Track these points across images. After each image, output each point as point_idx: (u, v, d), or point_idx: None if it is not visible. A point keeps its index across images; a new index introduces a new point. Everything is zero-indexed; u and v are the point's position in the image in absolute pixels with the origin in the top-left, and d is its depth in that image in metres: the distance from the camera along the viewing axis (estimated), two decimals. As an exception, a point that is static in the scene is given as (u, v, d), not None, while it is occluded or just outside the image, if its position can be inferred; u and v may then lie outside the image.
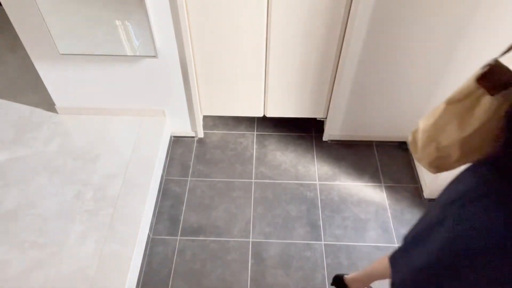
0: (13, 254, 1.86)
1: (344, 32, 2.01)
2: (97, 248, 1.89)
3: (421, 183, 2.38)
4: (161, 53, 2.11)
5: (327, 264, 2.08)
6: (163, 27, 1.99)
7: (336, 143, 2.62)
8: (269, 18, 1.98)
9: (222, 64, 2.21)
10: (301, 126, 2.72)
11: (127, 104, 2.41)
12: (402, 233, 2.20)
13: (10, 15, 1.97)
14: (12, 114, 2.48)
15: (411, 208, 2.30)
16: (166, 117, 2.47)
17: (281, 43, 2.08)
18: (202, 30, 2.04)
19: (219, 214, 2.26)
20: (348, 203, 2.32)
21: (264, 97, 2.40)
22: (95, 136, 2.36)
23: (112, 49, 2.07)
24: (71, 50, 2.08)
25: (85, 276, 1.80)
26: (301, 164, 2.50)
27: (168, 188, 2.38)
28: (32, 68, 2.75)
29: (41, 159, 2.24)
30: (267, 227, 2.21)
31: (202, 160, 2.52)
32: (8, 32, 3.07)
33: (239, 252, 2.11)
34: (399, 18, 1.91)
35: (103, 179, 2.16)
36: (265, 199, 2.33)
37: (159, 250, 2.12)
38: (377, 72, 2.16)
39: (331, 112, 2.41)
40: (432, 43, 2.01)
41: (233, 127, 2.72)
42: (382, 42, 2.01)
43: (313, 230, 2.20)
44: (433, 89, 2.24)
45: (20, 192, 2.09)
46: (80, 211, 2.02)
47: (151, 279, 2.01)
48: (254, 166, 2.49)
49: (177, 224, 2.22)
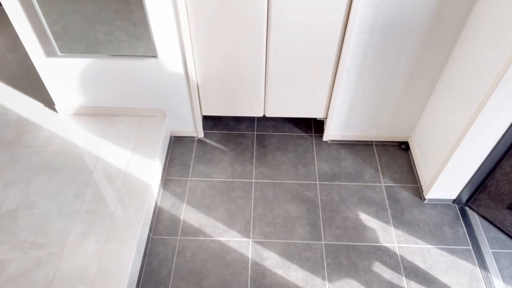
0: (13, 254, 1.86)
1: (344, 32, 2.01)
2: (97, 248, 1.89)
3: (421, 183, 2.38)
4: (161, 53, 2.11)
5: (327, 264, 2.08)
6: (163, 27, 1.99)
7: (336, 143, 2.62)
8: (269, 18, 1.98)
9: (222, 64, 2.21)
10: (301, 126, 2.72)
11: (127, 104, 2.41)
12: (402, 233, 2.20)
13: (10, 15, 1.97)
14: (12, 114, 2.48)
15: (411, 208, 2.30)
16: (166, 117, 2.47)
17: (281, 43, 2.08)
18: (202, 30, 2.04)
19: (219, 214, 2.26)
20: (348, 203, 2.32)
21: (264, 97, 2.40)
22: (95, 136, 2.36)
23: (112, 49, 2.07)
24: (71, 50, 2.08)
25: (85, 276, 1.80)
26: (301, 164, 2.50)
27: (168, 188, 2.38)
28: (32, 68, 2.76)
29: (41, 159, 2.24)
30: (267, 227, 2.21)
31: (202, 160, 2.52)
32: (8, 32, 3.07)
33: (239, 252, 2.11)
34: (399, 18, 1.91)
35: (103, 179, 2.16)
36: (265, 199, 2.33)
37: (159, 250, 2.12)
38: (377, 72, 2.16)
39: (331, 112, 2.41)
40: (432, 43, 2.01)
41: (233, 127, 2.72)
42: (382, 42, 2.01)
43: (313, 230, 2.20)
44: (433, 89, 2.24)
45: (20, 192, 2.09)
46: (80, 211, 2.02)
47: (151, 279, 2.01)
48: (254, 166, 2.49)
49: (177, 224, 2.22)
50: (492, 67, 1.71)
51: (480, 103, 1.78)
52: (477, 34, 1.83)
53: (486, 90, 1.75)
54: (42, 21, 1.95)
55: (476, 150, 1.99)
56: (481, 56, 1.79)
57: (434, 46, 2.02)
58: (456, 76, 2.01)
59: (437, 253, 2.12)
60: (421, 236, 2.18)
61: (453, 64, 2.04)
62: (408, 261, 2.09)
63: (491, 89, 1.70)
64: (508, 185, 2.00)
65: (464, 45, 1.94)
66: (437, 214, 2.28)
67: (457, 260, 2.10)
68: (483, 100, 1.76)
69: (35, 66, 2.22)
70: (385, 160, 2.53)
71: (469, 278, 2.04)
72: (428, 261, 2.10)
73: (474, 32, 1.86)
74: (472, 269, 2.07)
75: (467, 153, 2.01)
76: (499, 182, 2.04)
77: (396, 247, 2.14)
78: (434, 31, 1.95)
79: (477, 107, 1.80)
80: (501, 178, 2.01)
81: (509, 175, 1.96)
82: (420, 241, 2.17)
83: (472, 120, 1.84)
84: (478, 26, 1.83)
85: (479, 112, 1.79)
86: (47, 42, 2.08)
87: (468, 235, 2.19)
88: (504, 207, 2.09)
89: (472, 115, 1.84)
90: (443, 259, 2.11)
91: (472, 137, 1.91)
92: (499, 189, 2.07)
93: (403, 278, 2.04)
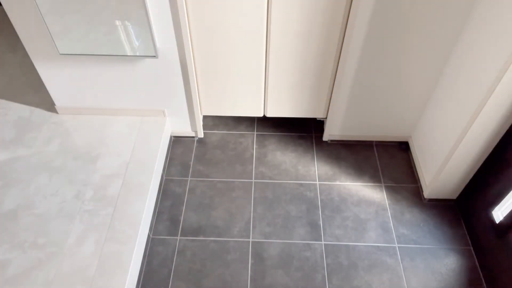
0: (13, 254, 1.86)
1: (344, 32, 2.02)
2: (97, 248, 1.89)
3: (421, 183, 2.38)
4: (161, 53, 2.11)
5: (327, 264, 2.08)
6: (163, 27, 1.99)
7: (336, 143, 2.62)
8: (269, 18, 1.98)
9: (222, 64, 2.21)
10: (301, 126, 2.72)
11: (127, 104, 2.41)
12: (402, 233, 2.20)
13: (10, 15, 1.97)
14: (12, 114, 2.48)
15: (411, 208, 2.30)
16: (166, 117, 2.47)
17: (281, 43, 2.08)
18: (202, 30, 2.04)
19: (219, 214, 2.26)
20: (348, 203, 2.32)
21: (264, 97, 2.40)
22: (95, 136, 2.36)
23: (112, 49, 2.07)
24: (71, 50, 2.08)
25: (85, 276, 1.80)
26: (301, 164, 2.50)
27: (168, 188, 2.38)
28: (32, 68, 2.76)
29: (41, 159, 2.24)
30: (267, 227, 2.21)
31: (202, 160, 2.52)
32: (8, 32, 3.07)
33: (239, 252, 2.11)
34: (399, 18, 1.91)
35: (103, 179, 2.16)
36: (265, 199, 2.33)
37: (159, 250, 2.12)
38: (377, 72, 2.16)
39: (331, 112, 2.41)
40: (432, 43, 2.01)
41: (233, 127, 2.72)
42: (382, 42, 2.01)
43: (313, 230, 2.20)
44: (433, 89, 2.24)
45: (20, 192, 2.09)
46: (80, 211, 2.02)
47: (151, 279, 2.01)
48: (254, 166, 2.49)
49: (177, 224, 2.22)
50: (492, 67, 1.71)
51: (480, 103, 1.78)
52: (477, 34, 1.83)
53: (486, 90, 1.75)
54: (42, 21, 1.95)
55: (476, 150, 1.99)
56: (482, 56, 1.79)
57: (434, 46, 2.02)
58: (456, 76, 2.01)
59: (437, 253, 2.12)
60: (421, 236, 2.18)
61: (453, 64, 2.04)
62: (408, 261, 2.09)
63: (491, 89, 1.70)
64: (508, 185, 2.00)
65: (464, 45, 1.94)
66: (437, 214, 2.28)
67: (458, 260, 2.10)
68: (483, 100, 1.76)
69: (35, 66, 2.22)
70: (385, 160, 2.53)
71: (469, 278, 2.04)
72: (428, 261, 2.10)
73: (474, 33, 1.86)
74: (473, 269, 2.07)
75: (467, 153, 2.01)
76: (499, 182, 2.04)
77: (396, 247, 2.14)
78: (434, 30, 1.95)
79: (477, 107, 1.80)
80: (501, 178, 2.01)
81: (509, 175, 1.96)
82: (420, 241, 2.17)
83: (472, 120, 1.84)
84: (478, 27, 1.83)
85: (479, 112, 1.79)
86: (47, 42, 2.08)
87: (468, 235, 2.19)
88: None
89: (472, 115, 1.84)
90: (443, 259, 2.11)
91: (472, 137, 1.91)
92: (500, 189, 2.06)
93: (403, 278, 2.04)
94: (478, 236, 2.11)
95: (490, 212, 2.01)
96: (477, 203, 2.13)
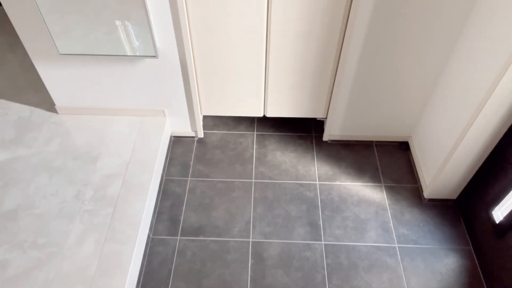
0: (13, 254, 1.86)
1: (344, 32, 2.02)
2: (97, 248, 1.89)
3: (421, 183, 2.38)
4: (161, 53, 2.11)
5: (327, 264, 2.08)
6: (163, 27, 1.99)
7: (336, 143, 2.63)
8: (269, 18, 1.98)
9: (222, 64, 2.21)
10: (301, 126, 2.72)
11: (127, 104, 2.41)
12: (402, 233, 2.20)
13: (10, 15, 1.97)
14: (12, 114, 2.48)
15: (411, 208, 2.30)
16: (166, 117, 2.47)
17: (281, 43, 2.08)
18: (202, 30, 2.04)
19: (219, 214, 2.26)
20: (348, 203, 2.32)
21: (264, 97, 2.40)
22: (95, 136, 2.36)
23: (112, 49, 2.07)
24: (71, 50, 2.08)
25: (85, 276, 1.80)
26: (301, 164, 2.50)
27: (168, 188, 2.38)
28: (32, 68, 2.76)
29: (41, 159, 2.24)
30: (267, 227, 2.21)
31: (202, 160, 2.52)
32: (8, 32, 3.07)
33: (239, 252, 2.11)
34: (398, 18, 1.91)
35: (103, 179, 2.16)
36: (265, 199, 2.33)
37: (159, 250, 2.12)
38: (377, 72, 2.16)
39: (331, 112, 2.41)
40: (431, 43, 2.01)
41: (233, 127, 2.72)
42: (382, 43, 2.01)
43: (313, 230, 2.20)
44: (433, 89, 2.24)
45: (20, 192, 2.09)
46: (80, 211, 2.02)
47: (151, 279, 2.02)
48: (254, 166, 2.49)
49: (177, 224, 2.22)
50: (492, 67, 1.71)
51: (480, 103, 1.78)
52: (478, 35, 1.83)
53: (486, 90, 1.75)
54: (42, 21, 1.95)
55: (476, 150, 1.99)
56: (482, 56, 1.79)
57: (434, 46, 2.02)
58: (457, 76, 2.01)
59: (437, 253, 2.12)
60: (421, 236, 2.18)
61: (453, 64, 2.04)
62: (408, 261, 2.10)
63: (491, 89, 1.70)
64: (508, 185, 2.00)
65: (464, 45, 1.94)
66: (437, 214, 2.28)
67: (458, 260, 2.10)
68: (483, 100, 1.76)
69: (35, 66, 2.22)
70: (385, 160, 2.53)
71: (469, 278, 2.04)
72: (428, 261, 2.10)
73: (474, 33, 1.86)
74: (473, 269, 2.07)
75: (467, 153, 2.01)
76: (499, 182, 2.04)
77: (396, 247, 2.14)
78: (434, 31, 1.95)
79: (477, 107, 1.81)
80: (501, 178, 2.01)
81: (509, 175, 1.96)
82: (420, 241, 2.17)
83: (472, 120, 1.84)
84: (478, 27, 1.83)
85: (479, 112, 1.79)
86: (47, 42, 2.08)
87: (468, 235, 2.20)
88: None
89: (472, 115, 1.85)
90: (443, 259, 2.11)
91: (472, 137, 1.91)
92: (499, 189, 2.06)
93: (403, 278, 2.04)
94: (478, 236, 2.11)
95: (490, 212, 2.01)
96: (477, 203, 2.13)
